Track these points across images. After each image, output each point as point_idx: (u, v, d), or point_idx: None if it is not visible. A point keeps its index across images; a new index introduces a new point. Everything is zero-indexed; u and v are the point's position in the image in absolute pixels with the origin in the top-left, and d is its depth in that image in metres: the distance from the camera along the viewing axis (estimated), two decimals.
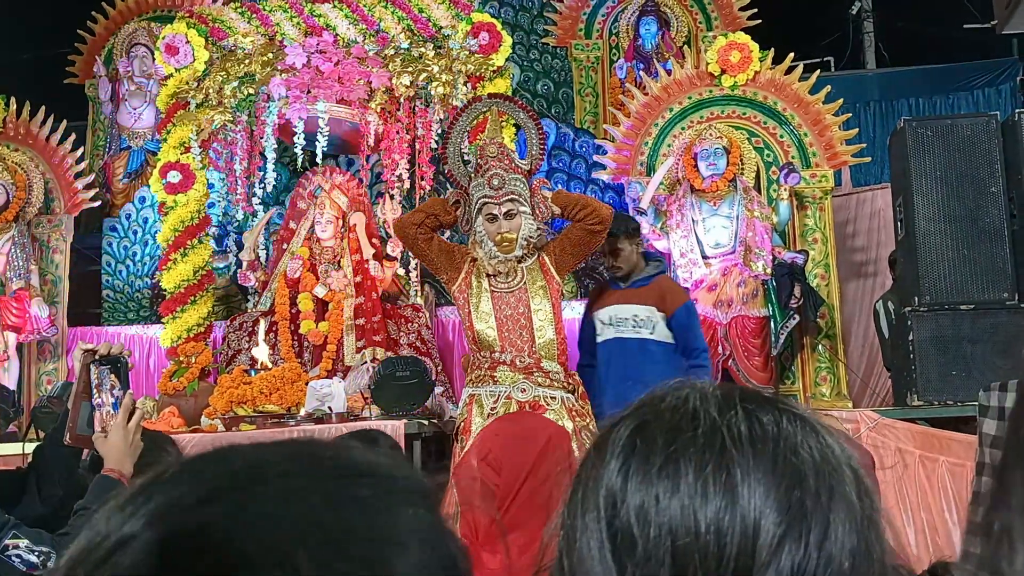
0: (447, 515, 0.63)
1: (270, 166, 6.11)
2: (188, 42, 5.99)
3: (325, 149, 6.04)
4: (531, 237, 4.24)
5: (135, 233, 7.73)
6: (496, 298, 4.20)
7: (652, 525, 0.71)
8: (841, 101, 6.13)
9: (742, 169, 5.79)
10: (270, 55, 6.03)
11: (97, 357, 2.25)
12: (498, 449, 2.39)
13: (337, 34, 6.07)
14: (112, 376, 2.26)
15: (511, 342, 4.14)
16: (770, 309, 5.51)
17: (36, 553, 2.18)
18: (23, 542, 2.17)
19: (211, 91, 6.04)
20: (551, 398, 4.10)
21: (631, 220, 4.96)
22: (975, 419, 3.84)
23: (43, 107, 6.93)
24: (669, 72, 6.25)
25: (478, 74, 5.96)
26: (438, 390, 5.43)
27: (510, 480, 2.33)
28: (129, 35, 8.89)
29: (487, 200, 4.21)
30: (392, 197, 6.23)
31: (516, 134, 5.10)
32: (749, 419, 0.75)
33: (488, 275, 4.23)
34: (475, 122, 4.77)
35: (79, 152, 7.04)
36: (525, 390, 4.08)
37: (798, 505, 0.71)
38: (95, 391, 2.23)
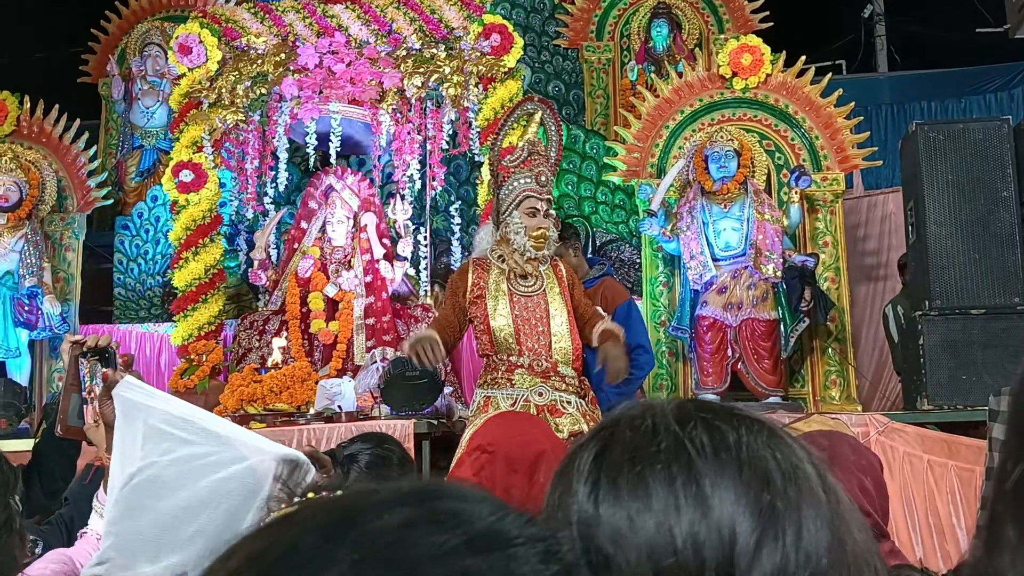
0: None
1: (282, 166, 6.14)
2: (201, 42, 6.02)
3: (337, 149, 6.07)
4: (556, 241, 4.32)
5: (147, 231, 7.77)
6: (515, 301, 4.19)
7: (629, 547, 0.71)
8: (853, 104, 6.12)
9: (753, 172, 5.78)
10: (283, 55, 6.06)
11: (85, 349, 2.26)
12: (492, 466, 2.38)
13: (349, 35, 6.09)
14: (104, 369, 2.27)
15: (529, 346, 4.13)
16: (780, 312, 5.50)
17: None
18: None
19: (224, 91, 6.07)
20: (567, 402, 4.10)
21: (569, 226, 5.17)
22: (985, 424, 3.84)
23: (56, 106, 6.97)
24: (680, 74, 6.25)
25: (489, 75, 5.97)
26: (447, 390, 5.45)
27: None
28: (142, 35, 8.93)
29: (532, 194, 4.21)
30: (403, 197, 6.25)
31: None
32: (709, 429, 0.75)
33: (509, 278, 4.22)
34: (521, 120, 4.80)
35: (92, 151, 7.07)
36: (543, 394, 4.08)
37: (769, 508, 0.71)
38: (86, 383, 2.24)
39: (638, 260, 6.54)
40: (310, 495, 1.02)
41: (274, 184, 6.26)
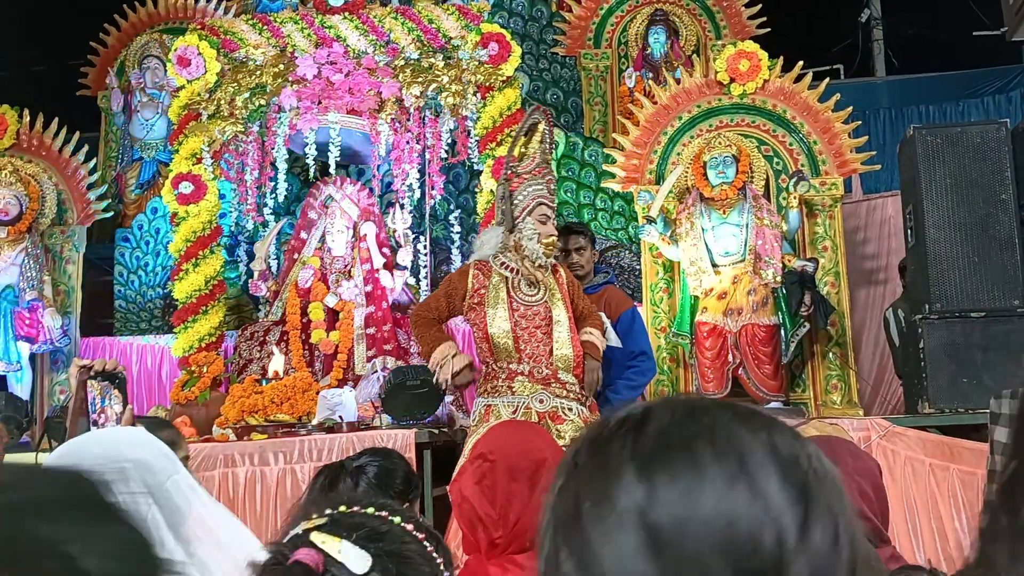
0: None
1: (281, 176, 6.14)
2: (200, 54, 6.04)
3: (337, 159, 6.08)
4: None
5: (147, 244, 7.78)
6: (514, 308, 4.19)
7: (688, 522, 0.73)
8: (851, 109, 6.12)
9: (751, 177, 5.79)
10: (281, 66, 6.07)
11: (93, 373, 2.25)
12: (494, 475, 2.40)
13: (348, 45, 6.11)
14: (115, 391, 2.27)
15: (528, 352, 4.14)
16: (780, 317, 5.50)
17: None
18: None
19: (223, 102, 6.08)
20: (568, 409, 4.10)
21: (587, 225, 5.31)
22: (986, 427, 3.83)
23: (56, 119, 6.98)
24: (678, 81, 6.26)
25: (488, 84, 5.99)
26: (448, 399, 5.44)
27: (505, 511, 2.33)
28: (141, 47, 8.96)
29: (544, 201, 4.27)
30: (402, 207, 6.25)
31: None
32: (738, 419, 0.79)
33: (511, 285, 4.23)
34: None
35: (92, 163, 7.08)
36: (543, 401, 4.09)
37: (805, 488, 0.75)
38: (97, 408, 2.24)
39: (638, 267, 6.54)
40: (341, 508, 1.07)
41: (273, 195, 6.27)
